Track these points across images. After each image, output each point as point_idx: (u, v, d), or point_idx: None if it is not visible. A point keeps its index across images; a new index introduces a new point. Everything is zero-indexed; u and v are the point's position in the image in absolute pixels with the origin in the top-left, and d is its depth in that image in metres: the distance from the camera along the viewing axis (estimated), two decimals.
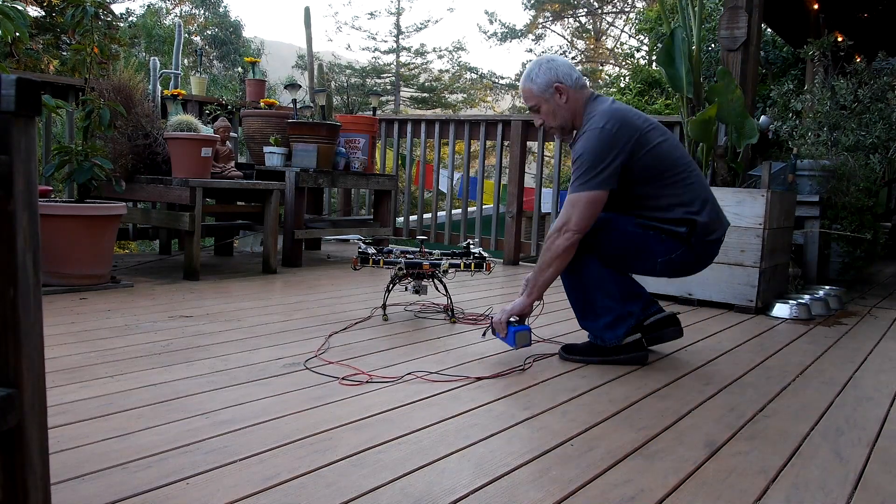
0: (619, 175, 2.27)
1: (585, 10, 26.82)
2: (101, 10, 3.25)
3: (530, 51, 29.01)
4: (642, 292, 2.45)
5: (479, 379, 2.10)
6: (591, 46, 27.28)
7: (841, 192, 4.41)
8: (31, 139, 0.85)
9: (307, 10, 5.65)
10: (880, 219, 5.07)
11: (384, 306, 2.95)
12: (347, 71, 25.14)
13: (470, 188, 6.08)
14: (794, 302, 3.53)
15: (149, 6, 20.67)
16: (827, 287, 4.08)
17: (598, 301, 2.36)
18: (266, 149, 4.51)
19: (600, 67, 26.02)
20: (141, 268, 4.05)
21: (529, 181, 6.06)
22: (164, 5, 22.68)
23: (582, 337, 2.53)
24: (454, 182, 5.99)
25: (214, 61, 21.76)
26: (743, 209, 3.52)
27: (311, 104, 4.87)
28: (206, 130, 3.97)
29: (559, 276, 2.38)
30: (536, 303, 2.43)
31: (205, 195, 3.81)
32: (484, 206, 6.70)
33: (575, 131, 2.39)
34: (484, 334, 2.51)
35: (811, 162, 4.44)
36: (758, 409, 1.95)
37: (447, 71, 28.45)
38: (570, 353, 2.41)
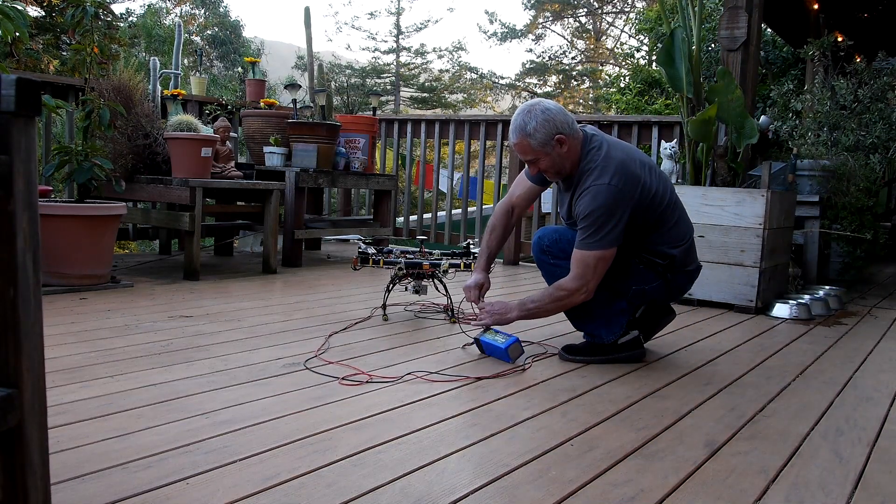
0: (627, 222, 2.28)
1: (585, 10, 26.82)
2: (101, 10, 3.25)
3: (530, 51, 29.06)
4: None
5: (479, 379, 2.10)
6: (591, 46, 27.28)
7: (841, 192, 4.41)
8: (31, 139, 0.85)
9: (307, 10, 5.64)
10: (880, 219, 5.07)
11: (384, 306, 2.95)
12: (347, 71, 25.13)
13: (470, 188, 6.08)
14: (794, 302, 3.53)
15: (149, 6, 20.66)
16: (827, 287, 4.08)
17: (589, 302, 2.36)
18: (266, 149, 4.51)
19: (600, 67, 26.02)
20: (141, 268, 4.05)
21: None
22: (164, 5, 22.68)
23: (580, 337, 2.53)
24: (454, 182, 5.99)
25: (214, 61, 21.75)
26: (743, 209, 3.52)
27: (311, 104, 4.87)
28: (206, 130, 3.97)
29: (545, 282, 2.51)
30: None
31: (205, 195, 3.81)
32: (484, 206, 6.70)
33: (571, 174, 2.36)
34: (464, 347, 2.50)
35: (811, 162, 4.44)
36: (758, 409, 1.95)
37: (447, 71, 28.46)
38: (570, 353, 2.42)
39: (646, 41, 13.14)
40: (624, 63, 19.98)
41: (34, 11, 10.91)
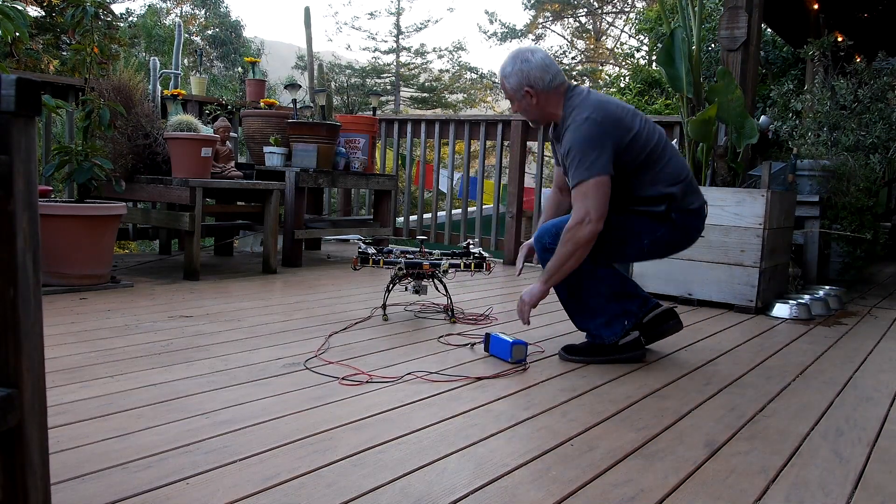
0: (613, 161, 2.29)
1: (585, 10, 26.82)
2: (101, 10, 3.25)
3: None
4: (638, 291, 2.48)
5: (479, 379, 2.10)
6: (591, 46, 27.28)
7: (841, 192, 4.41)
8: (31, 139, 0.85)
9: (307, 11, 5.64)
10: (880, 219, 5.07)
11: (384, 306, 2.95)
12: (347, 71, 25.13)
13: (470, 188, 6.08)
14: (794, 302, 3.53)
15: (149, 6, 20.66)
16: (827, 287, 4.08)
17: (590, 300, 2.40)
18: (266, 149, 4.51)
19: (600, 67, 26.01)
20: (141, 268, 4.05)
21: (529, 181, 6.06)
22: (164, 5, 22.68)
23: (580, 337, 2.53)
24: (454, 182, 5.99)
25: (214, 61, 21.74)
26: (743, 209, 3.52)
27: (311, 104, 4.87)
28: (206, 130, 3.97)
29: None
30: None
31: (205, 195, 3.81)
32: (484, 206, 6.70)
33: (553, 123, 2.45)
34: (472, 346, 2.51)
35: (811, 162, 4.44)
36: (758, 409, 1.95)
37: (447, 71, 28.46)
38: (570, 353, 2.42)
39: (646, 41, 13.14)
40: (624, 63, 19.97)
41: (34, 11, 10.90)
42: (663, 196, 2.38)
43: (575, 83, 2.43)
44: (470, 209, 5.81)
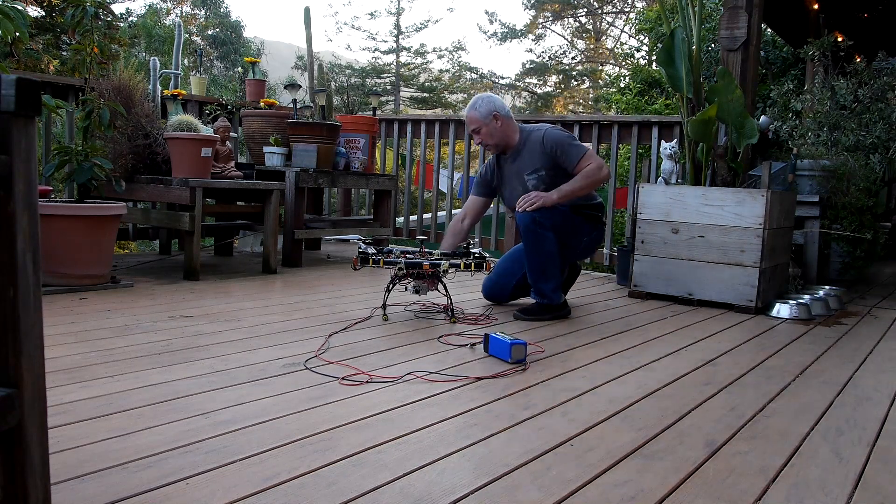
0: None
1: (585, 10, 26.82)
2: (101, 10, 3.25)
3: (530, 51, 29.04)
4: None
5: (479, 379, 2.10)
6: (591, 46, 27.28)
7: (841, 192, 4.41)
8: (31, 139, 0.85)
9: (307, 11, 5.64)
10: (880, 219, 5.07)
11: (384, 306, 2.95)
12: (347, 71, 25.12)
13: (470, 188, 6.07)
14: (794, 302, 3.53)
15: (149, 6, 20.66)
16: (827, 287, 4.08)
17: (550, 269, 3.07)
18: (266, 149, 4.51)
19: (600, 67, 26.02)
20: (141, 268, 4.06)
21: None
22: (164, 5, 22.67)
23: (580, 337, 2.53)
24: (454, 182, 5.99)
25: (215, 61, 21.74)
26: (743, 209, 3.52)
27: (311, 104, 4.87)
28: (206, 130, 3.97)
29: (522, 242, 3.11)
30: None
31: (205, 195, 3.82)
32: None
33: (508, 150, 3.25)
34: (472, 347, 2.51)
35: (811, 162, 4.44)
36: (758, 409, 1.95)
37: (447, 71, 28.46)
38: (526, 314, 3.05)
39: (646, 41, 13.13)
40: (624, 63, 19.96)
41: (34, 11, 10.90)
42: (598, 205, 3.28)
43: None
44: None
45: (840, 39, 6.36)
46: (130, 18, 19.45)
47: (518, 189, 3.21)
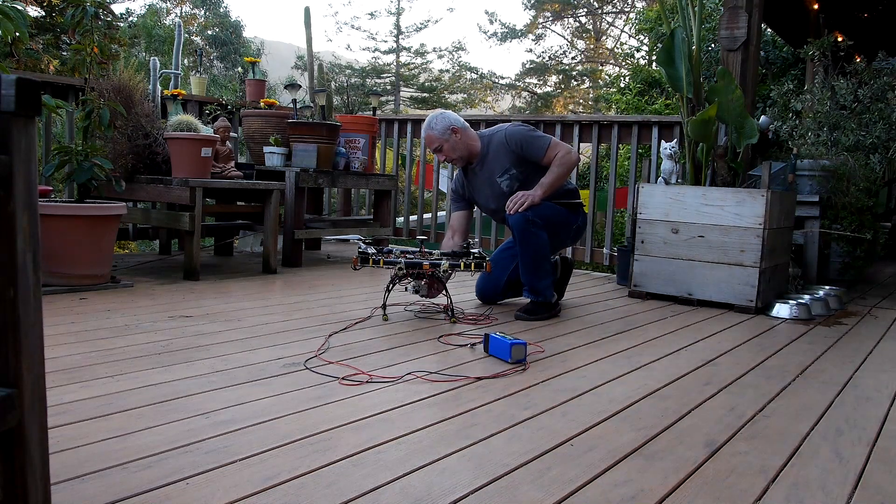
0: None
1: (585, 10, 26.82)
2: (101, 10, 3.25)
3: (530, 51, 29.05)
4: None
5: (479, 379, 2.10)
6: (591, 46, 27.28)
7: (841, 192, 4.40)
8: (31, 139, 0.85)
9: (307, 11, 5.65)
10: (880, 219, 5.07)
11: (384, 306, 2.95)
12: (347, 71, 25.12)
13: None
14: (794, 302, 3.53)
15: (149, 6, 20.66)
16: (827, 287, 4.08)
17: (544, 266, 3.11)
18: (266, 149, 4.51)
19: (600, 67, 26.02)
20: (141, 268, 4.05)
21: None
22: (164, 5, 22.67)
23: (579, 336, 2.53)
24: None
25: (215, 61, 21.75)
26: (743, 209, 3.52)
27: (311, 104, 4.87)
28: (206, 130, 3.97)
29: (516, 243, 3.12)
30: None
31: (205, 195, 3.81)
32: None
33: (473, 159, 3.27)
34: (472, 347, 2.51)
35: (811, 162, 4.44)
36: (758, 409, 1.95)
37: (447, 71, 28.45)
38: (527, 313, 3.06)
39: (646, 41, 13.13)
40: (624, 63, 19.96)
41: (34, 11, 10.90)
42: (573, 191, 3.34)
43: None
44: None
45: (840, 39, 6.36)
46: (130, 18, 19.45)
47: (491, 194, 3.27)
